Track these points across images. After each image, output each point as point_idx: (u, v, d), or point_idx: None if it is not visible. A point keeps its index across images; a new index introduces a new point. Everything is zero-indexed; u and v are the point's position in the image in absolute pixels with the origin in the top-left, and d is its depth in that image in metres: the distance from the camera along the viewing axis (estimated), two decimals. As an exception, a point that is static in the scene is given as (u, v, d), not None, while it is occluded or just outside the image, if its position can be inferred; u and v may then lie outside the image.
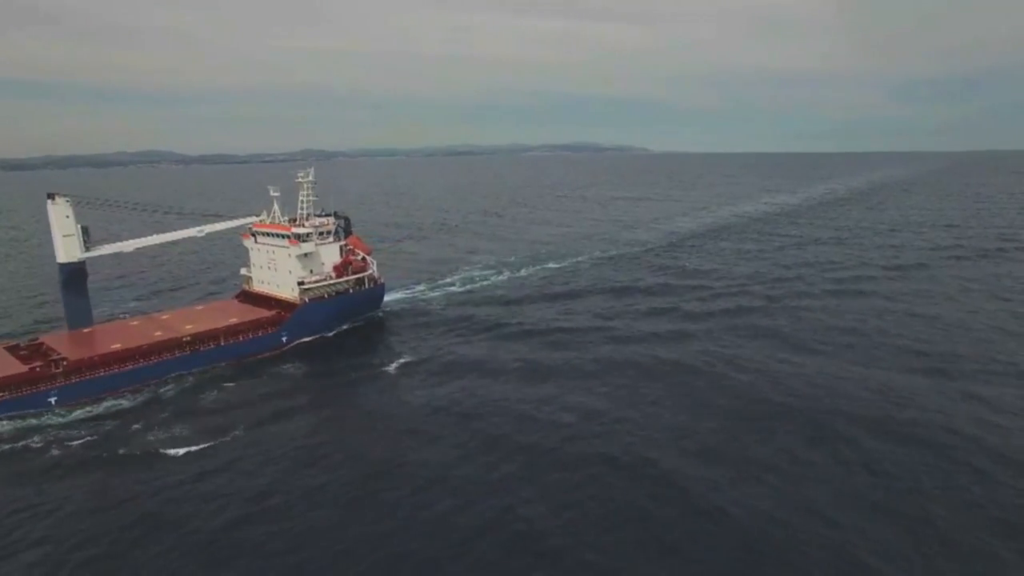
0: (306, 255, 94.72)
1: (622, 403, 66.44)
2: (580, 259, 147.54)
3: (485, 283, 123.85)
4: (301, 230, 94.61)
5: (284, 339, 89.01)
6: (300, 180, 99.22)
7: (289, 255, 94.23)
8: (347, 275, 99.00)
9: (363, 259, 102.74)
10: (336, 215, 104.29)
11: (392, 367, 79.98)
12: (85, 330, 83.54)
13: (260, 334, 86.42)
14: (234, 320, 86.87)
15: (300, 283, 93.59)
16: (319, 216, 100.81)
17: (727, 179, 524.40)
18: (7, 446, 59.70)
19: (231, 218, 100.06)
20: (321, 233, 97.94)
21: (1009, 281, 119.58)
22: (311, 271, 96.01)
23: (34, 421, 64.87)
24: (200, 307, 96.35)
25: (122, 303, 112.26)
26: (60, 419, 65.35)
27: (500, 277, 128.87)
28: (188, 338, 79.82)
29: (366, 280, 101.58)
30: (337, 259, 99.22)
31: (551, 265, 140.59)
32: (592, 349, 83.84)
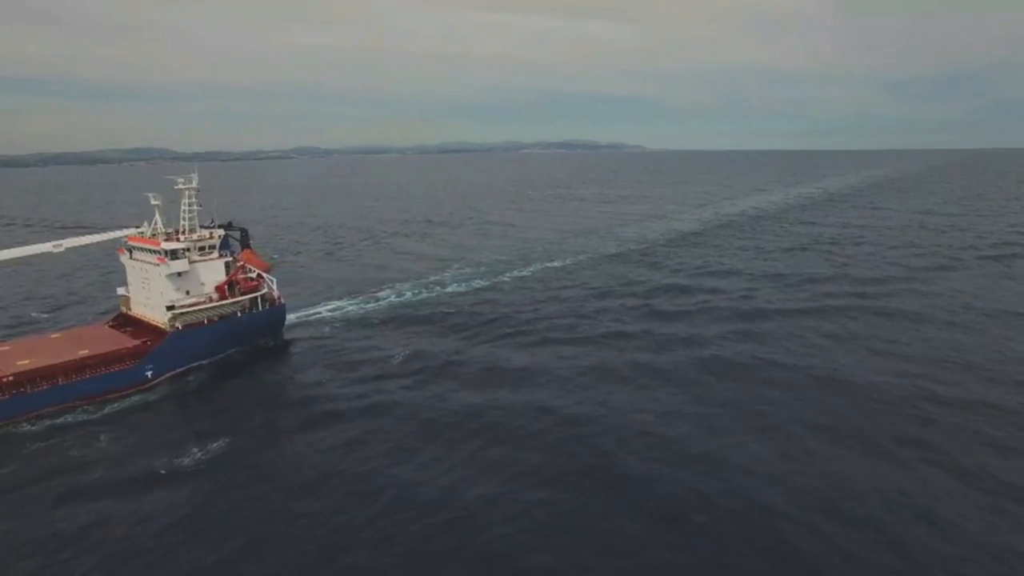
0: (179, 274, 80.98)
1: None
2: (534, 267, 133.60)
3: (426, 295, 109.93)
4: (173, 245, 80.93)
5: (149, 374, 75.36)
6: (181, 187, 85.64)
7: (159, 274, 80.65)
8: (234, 296, 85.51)
9: (257, 277, 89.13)
10: (230, 226, 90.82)
11: (281, 411, 66.67)
12: None
13: (116, 368, 72.78)
14: (85, 352, 73.22)
15: (170, 307, 79.99)
16: (205, 228, 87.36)
17: (722, 179, 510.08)
18: None
19: (102, 230, 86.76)
20: (201, 248, 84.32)
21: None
22: (187, 292, 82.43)
23: None
24: (56, 335, 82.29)
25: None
26: None
27: (446, 289, 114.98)
28: (11, 377, 66.30)
29: (260, 301, 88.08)
30: (221, 278, 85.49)
31: (510, 275, 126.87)
32: (525, 391, 69.66)
